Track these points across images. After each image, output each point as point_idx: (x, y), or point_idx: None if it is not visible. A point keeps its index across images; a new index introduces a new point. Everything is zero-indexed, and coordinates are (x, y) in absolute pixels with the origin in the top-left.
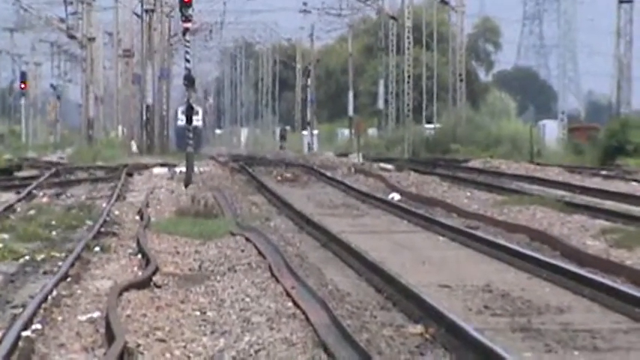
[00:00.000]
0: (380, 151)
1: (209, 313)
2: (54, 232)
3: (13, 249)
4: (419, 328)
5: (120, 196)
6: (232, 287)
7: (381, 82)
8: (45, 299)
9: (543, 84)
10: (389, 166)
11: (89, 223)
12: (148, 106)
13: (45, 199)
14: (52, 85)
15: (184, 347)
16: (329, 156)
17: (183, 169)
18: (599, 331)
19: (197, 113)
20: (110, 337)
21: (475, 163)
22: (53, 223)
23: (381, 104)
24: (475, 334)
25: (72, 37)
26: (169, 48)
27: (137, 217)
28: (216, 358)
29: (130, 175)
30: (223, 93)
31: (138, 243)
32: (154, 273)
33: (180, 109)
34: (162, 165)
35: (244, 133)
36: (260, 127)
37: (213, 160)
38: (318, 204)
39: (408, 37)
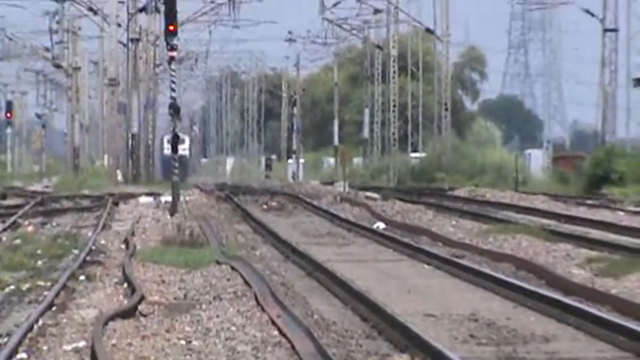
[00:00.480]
0: (365, 180)
1: (195, 342)
2: (39, 262)
3: None
4: (405, 358)
5: (105, 225)
6: (218, 316)
7: (367, 111)
8: (30, 329)
9: (528, 113)
10: (374, 195)
11: (75, 252)
12: (133, 135)
13: (30, 228)
14: (37, 114)
15: None
16: (314, 185)
17: (169, 198)
18: None
19: (183, 142)
20: None
21: (460, 192)
22: (39, 252)
23: (366, 133)
24: None
25: (57, 66)
26: (155, 77)
27: (123, 246)
28: None
29: (115, 204)
30: (209, 122)
31: (123, 272)
32: (139, 302)
33: (166, 138)
34: (147, 194)
35: (230, 162)
36: (246, 156)
37: (198, 189)
38: (303, 233)
39: (394, 66)
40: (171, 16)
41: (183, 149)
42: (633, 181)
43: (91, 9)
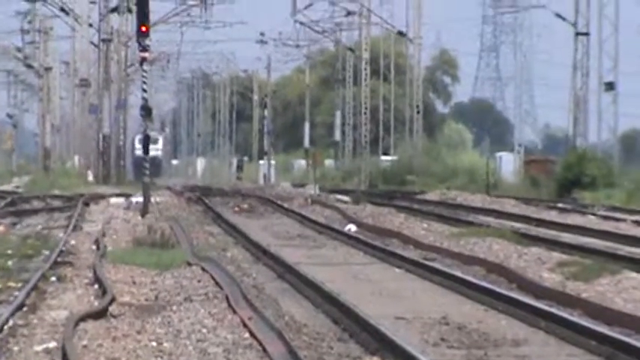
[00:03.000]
0: (336, 183)
1: (166, 344)
2: (10, 262)
3: None
4: None
5: (76, 225)
6: (189, 318)
7: (338, 114)
8: (1, 329)
9: (499, 116)
10: (345, 198)
11: (46, 252)
12: (104, 136)
13: (1, 229)
14: (8, 115)
15: None
16: (285, 187)
17: (140, 199)
18: None
19: (156, 142)
20: None
21: (432, 195)
22: (9, 252)
23: (337, 135)
24: None
25: (29, 66)
26: (126, 78)
27: (94, 247)
28: None
29: (86, 204)
30: (180, 123)
31: (94, 273)
32: (110, 303)
33: (138, 138)
34: (118, 195)
35: (201, 163)
36: (217, 158)
37: (169, 191)
38: (274, 235)
39: (366, 69)
40: (143, 17)
41: (157, 149)
42: (604, 185)
43: (62, 9)
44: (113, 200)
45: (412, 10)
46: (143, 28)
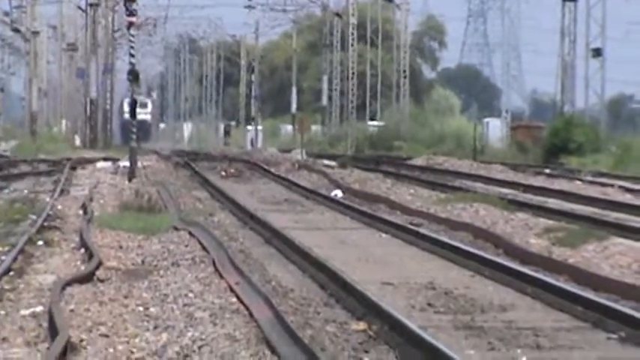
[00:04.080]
0: (323, 148)
1: (152, 309)
2: None
3: None
4: (362, 325)
5: (63, 190)
6: (176, 282)
7: (325, 79)
8: None
9: (487, 82)
10: (332, 163)
11: (32, 217)
12: (91, 100)
13: None
14: None
15: (127, 342)
16: (272, 152)
17: (127, 163)
18: (542, 329)
19: (145, 106)
20: (53, 331)
21: (419, 161)
22: None
23: (324, 101)
24: (418, 331)
25: (16, 30)
26: (113, 42)
27: (80, 212)
28: (159, 353)
29: (73, 169)
30: (167, 88)
31: (81, 237)
32: (97, 267)
33: (127, 101)
34: (105, 159)
35: (188, 128)
36: (204, 123)
37: (157, 155)
38: (261, 200)
39: (353, 34)
40: None
41: (146, 113)
42: (591, 151)
43: None
44: (100, 164)
45: None
46: None
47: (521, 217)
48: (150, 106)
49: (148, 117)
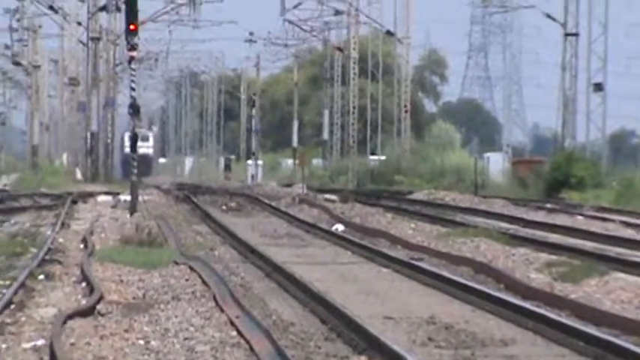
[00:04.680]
0: (324, 182)
1: (153, 342)
2: None
3: None
4: None
5: (64, 223)
6: (176, 316)
7: (326, 113)
8: None
9: (488, 116)
10: (333, 197)
11: (33, 250)
12: (92, 134)
13: None
14: None
15: None
16: (273, 186)
17: (128, 197)
18: None
19: (147, 139)
20: None
21: (419, 195)
22: None
23: (325, 135)
24: None
25: (17, 63)
26: (115, 76)
27: (81, 245)
28: None
29: (74, 202)
30: (168, 122)
31: (82, 271)
32: (98, 301)
33: (128, 136)
34: (106, 193)
35: (188, 162)
36: (204, 157)
37: (157, 189)
38: (262, 234)
39: (354, 68)
40: (131, 16)
41: (148, 147)
42: (592, 185)
43: (51, 7)
44: (101, 198)
45: (400, 10)
46: (132, 27)
47: (522, 252)
48: (152, 139)
49: (150, 151)
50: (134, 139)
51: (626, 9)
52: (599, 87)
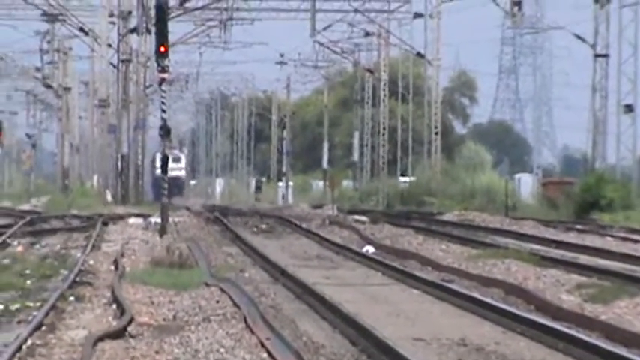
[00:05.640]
0: (354, 204)
1: None
2: (28, 281)
3: None
4: None
5: (95, 245)
6: (207, 338)
7: (357, 134)
8: (19, 348)
9: (518, 137)
10: (363, 219)
11: (64, 272)
12: (123, 156)
13: (20, 248)
14: (27, 135)
15: None
16: (303, 208)
17: (158, 219)
18: None
19: (179, 161)
20: None
21: (450, 216)
22: (28, 272)
23: (356, 156)
24: None
25: (48, 86)
26: (145, 98)
27: (112, 267)
28: None
29: (105, 224)
30: (198, 144)
31: (113, 292)
32: (129, 323)
33: (160, 157)
34: (137, 215)
35: (219, 184)
36: (235, 178)
37: (188, 211)
38: (292, 255)
39: (384, 90)
40: (162, 38)
41: (180, 169)
42: (622, 207)
43: (82, 29)
44: (132, 220)
45: (430, 32)
46: (162, 49)
47: (552, 274)
48: (184, 161)
49: (182, 173)
50: (165, 161)
51: None
52: (629, 108)
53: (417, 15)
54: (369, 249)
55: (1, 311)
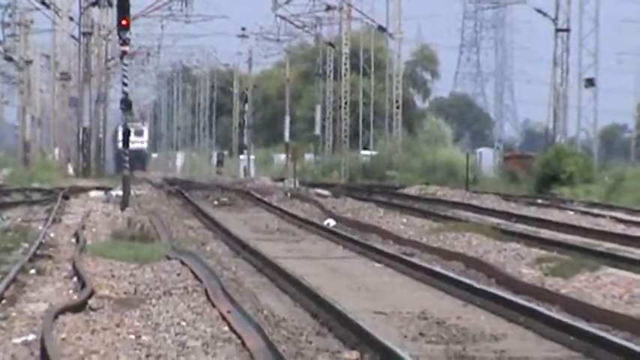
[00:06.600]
0: (316, 177)
1: (144, 337)
2: None
3: None
4: (355, 355)
5: (56, 218)
6: (168, 311)
7: (318, 108)
8: None
9: (480, 112)
10: (325, 192)
11: (25, 245)
12: (84, 129)
13: None
14: None
15: None
16: (265, 181)
17: (120, 192)
18: (534, 359)
19: (141, 134)
20: None
21: (411, 190)
22: None
23: (317, 130)
24: None
25: (9, 59)
26: (107, 71)
27: (73, 240)
28: None
29: (66, 198)
30: (160, 117)
31: (74, 266)
32: (89, 296)
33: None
34: (98, 188)
35: (180, 157)
36: (197, 152)
37: (149, 184)
38: (254, 229)
39: (346, 64)
40: (123, 11)
41: (142, 142)
42: (583, 181)
43: (43, 2)
44: (93, 193)
45: (392, 5)
46: (124, 22)
47: (513, 247)
48: (146, 134)
49: (145, 145)
50: (126, 134)
51: (617, 4)
52: (590, 82)
53: None
54: (331, 222)
55: None
